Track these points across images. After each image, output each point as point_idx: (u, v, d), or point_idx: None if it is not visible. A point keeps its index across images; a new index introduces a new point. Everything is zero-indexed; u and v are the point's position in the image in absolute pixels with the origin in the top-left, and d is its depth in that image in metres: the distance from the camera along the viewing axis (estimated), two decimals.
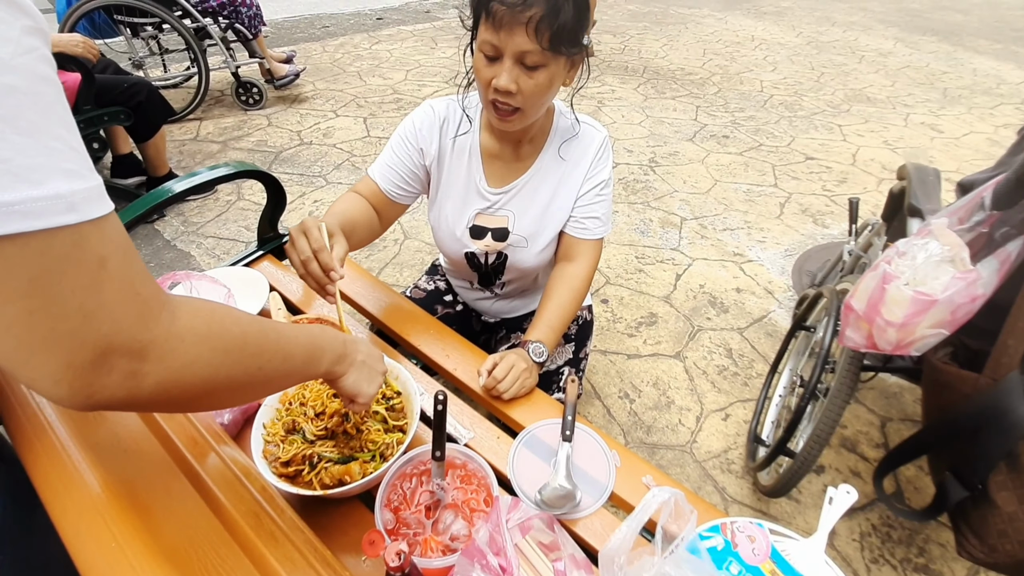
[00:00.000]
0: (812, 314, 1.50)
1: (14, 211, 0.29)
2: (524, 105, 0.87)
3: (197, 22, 3.03)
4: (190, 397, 0.42)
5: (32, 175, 0.29)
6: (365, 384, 0.69)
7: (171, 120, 3.04)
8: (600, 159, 1.04)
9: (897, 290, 0.91)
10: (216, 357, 0.43)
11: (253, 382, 0.48)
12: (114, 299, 0.35)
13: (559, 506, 0.79)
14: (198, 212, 2.48)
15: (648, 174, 3.00)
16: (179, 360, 0.39)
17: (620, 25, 5.84)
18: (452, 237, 1.10)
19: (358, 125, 3.31)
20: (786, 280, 2.29)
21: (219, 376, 0.43)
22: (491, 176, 1.05)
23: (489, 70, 0.85)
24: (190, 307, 0.41)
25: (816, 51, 5.36)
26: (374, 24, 5.35)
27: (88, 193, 0.33)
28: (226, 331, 0.44)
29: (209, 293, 0.93)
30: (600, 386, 1.77)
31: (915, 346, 0.94)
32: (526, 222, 1.06)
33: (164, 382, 0.38)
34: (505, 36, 0.80)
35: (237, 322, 0.46)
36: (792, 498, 1.48)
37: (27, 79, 0.30)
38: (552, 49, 0.82)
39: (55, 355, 0.33)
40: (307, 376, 0.59)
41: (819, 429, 1.13)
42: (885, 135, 3.63)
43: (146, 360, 0.37)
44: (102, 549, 0.36)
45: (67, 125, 0.33)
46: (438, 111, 1.05)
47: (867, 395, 1.80)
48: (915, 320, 0.89)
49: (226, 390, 0.46)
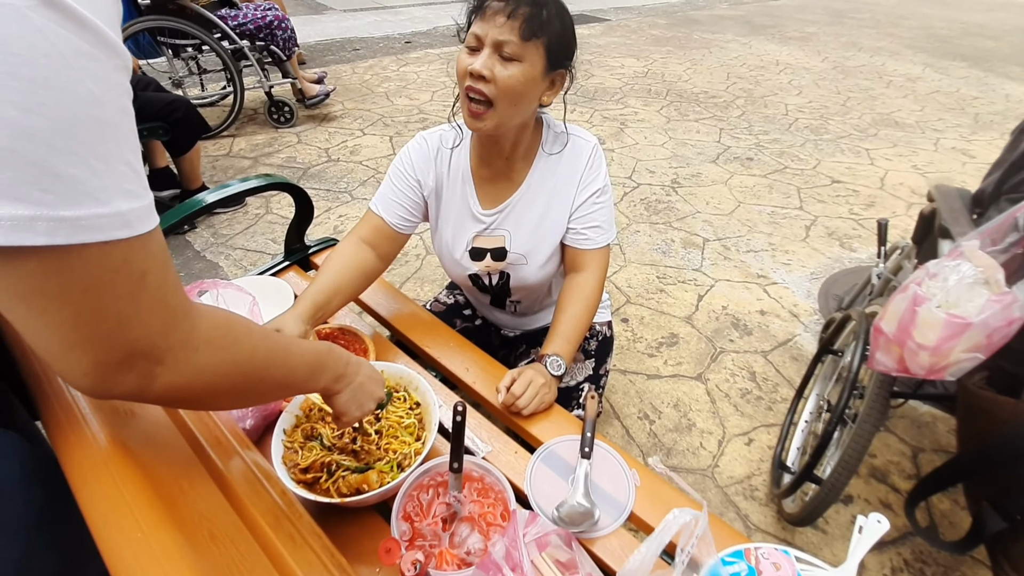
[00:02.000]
0: (840, 338, 1.46)
1: (81, 225, 0.32)
2: (495, 97, 0.87)
3: (235, 44, 3.16)
4: (194, 398, 0.46)
5: (100, 194, 0.33)
6: (354, 407, 0.72)
7: (206, 136, 3.15)
8: (592, 167, 1.04)
9: (929, 312, 0.88)
10: (224, 368, 0.46)
11: (254, 391, 0.53)
12: (147, 308, 0.38)
13: (577, 523, 0.78)
14: (227, 224, 2.55)
15: (670, 194, 3.00)
16: (190, 368, 0.43)
17: (644, 49, 5.90)
18: (453, 261, 1.12)
19: (384, 143, 3.39)
20: (812, 303, 2.24)
21: (224, 384, 0.47)
22: (484, 198, 1.06)
23: (468, 59, 0.88)
24: (211, 319, 0.45)
25: (842, 75, 5.33)
26: (402, 47, 5.50)
27: (141, 211, 0.36)
28: (239, 345, 0.48)
29: (235, 301, 0.95)
30: (619, 406, 1.75)
31: (949, 371, 0.91)
32: (522, 239, 1.06)
33: (172, 384, 0.42)
34: (488, 26, 0.85)
35: (250, 336, 0.50)
36: (819, 528, 1.43)
37: (112, 112, 0.34)
38: (530, 40, 0.85)
39: (89, 354, 0.37)
40: (306, 389, 0.64)
41: (847, 455, 1.09)
42: (914, 159, 3.57)
43: (161, 364, 0.40)
44: (127, 537, 0.37)
45: (135, 150, 0.36)
46: (431, 143, 1.07)
47: (898, 424, 1.74)
48: (949, 344, 0.87)
49: (228, 395, 0.50)
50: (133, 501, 0.40)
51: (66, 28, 0.30)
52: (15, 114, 0.29)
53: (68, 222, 0.32)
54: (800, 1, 9.51)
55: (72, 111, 0.31)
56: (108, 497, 0.41)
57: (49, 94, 0.30)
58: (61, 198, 0.31)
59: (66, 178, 0.31)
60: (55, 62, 0.30)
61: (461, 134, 1.06)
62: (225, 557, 0.40)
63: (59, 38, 0.30)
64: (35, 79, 0.29)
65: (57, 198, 0.31)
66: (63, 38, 0.30)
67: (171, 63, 3.26)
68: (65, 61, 0.30)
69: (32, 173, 0.30)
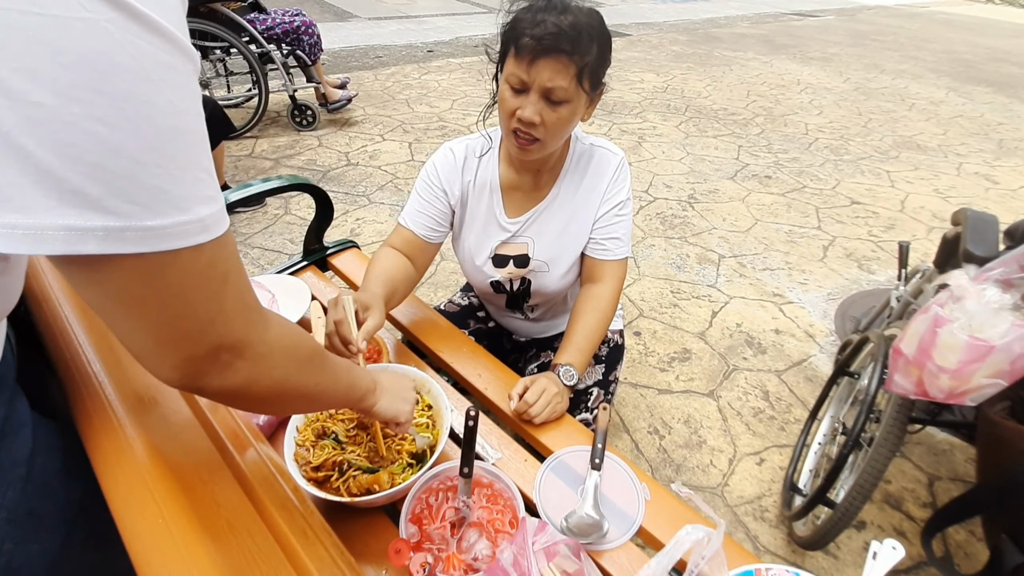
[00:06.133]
0: (856, 360, 1.44)
1: (167, 233, 0.34)
2: (545, 137, 0.90)
3: (262, 48, 3.22)
4: (265, 396, 0.48)
5: (183, 203, 0.35)
6: (401, 403, 0.73)
7: (230, 137, 3.21)
8: (617, 180, 1.05)
9: (950, 335, 0.87)
10: (292, 366, 0.49)
11: (309, 395, 0.55)
12: (231, 307, 0.41)
13: (586, 535, 0.77)
14: (247, 224, 2.59)
15: (687, 210, 2.99)
16: (266, 362, 0.45)
17: (664, 65, 5.92)
18: (476, 268, 1.13)
19: (403, 149, 3.43)
20: (828, 324, 2.22)
21: (290, 382, 0.50)
22: (510, 207, 1.08)
23: (514, 101, 0.88)
24: (278, 320, 0.48)
25: (864, 97, 5.29)
26: (425, 56, 5.57)
27: (218, 215, 0.38)
28: (303, 346, 0.51)
29: None
30: (629, 419, 1.74)
31: (970, 396, 0.89)
32: (545, 247, 1.07)
33: (250, 378, 0.44)
34: (533, 71, 0.84)
35: (306, 339, 0.53)
36: (830, 553, 1.40)
37: (189, 120, 0.35)
38: (577, 86, 0.85)
39: (180, 350, 0.39)
40: (348, 401, 0.66)
41: (863, 479, 1.07)
42: (936, 183, 3.53)
43: (243, 357, 0.43)
44: (149, 524, 0.37)
45: (208, 155, 0.38)
46: (457, 153, 1.08)
47: (913, 450, 1.71)
48: (970, 368, 0.85)
49: (291, 396, 0.52)
50: (154, 487, 0.41)
51: (144, 39, 0.31)
52: (103, 130, 0.30)
53: (155, 231, 0.33)
54: (822, 22, 9.49)
55: (155, 124, 0.32)
56: (130, 483, 0.41)
57: (133, 108, 0.31)
58: (148, 209, 0.33)
59: (151, 190, 0.33)
60: (136, 75, 0.31)
61: (490, 142, 1.08)
62: (242, 547, 0.40)
63: (139, 51, 0.31)
64: (119, 94, 0.30)
65: (144, 209, 0.33)
66: (142, 50, 0.31)
67: (199, 65, 3.33)
68: (146, 73, 0.31)
69: (120, 187, 0.31)
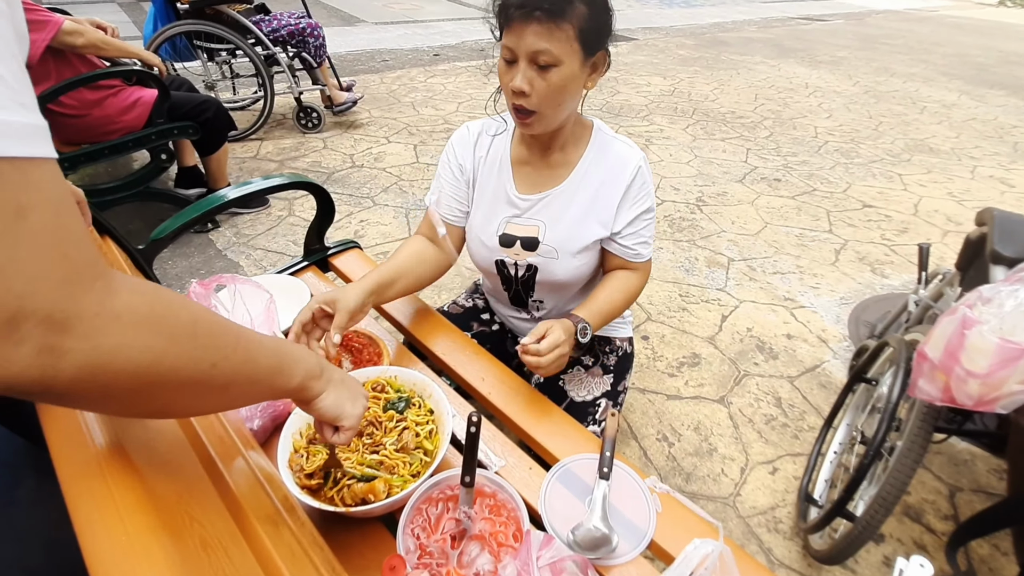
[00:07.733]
0: (874, 366, 1.39)
1: None
2: (539, 107, 0.88)
3: (268, 50, 3.21)
4: (126, 389, 0.36)
5: None
6: (348, 403, 0.61)
7: (234, 138, 3.21)
8: (642, 184, 1.03)
9: (980, 337, 0.82)
10: (158, 343, 0.36)
11: (207, 382, 0.42)
12: (32, 256, 0.30)
13: (594, 549, 0.73)
14: (250, 225, 2.57)
15: (695, 212, 2.94)
16: (111, 339, 0.33)
17: (670, 68, 5.89)
18: (482, 245, 1.11)
19: (408, 151, 3.40)
20: (841, 329, 2.16)
21: (161, 367, 0.37)
22: (520, 182, 1.06)
23: (508, 74, 0.88)
24: (133, 284, 0.36)
25: (874, 100, 5.23)
26: (431, 60, 5.57)
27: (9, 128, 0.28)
28: (173, 315, 0.38)
29: (252, 297, 0.94)
30: (637, 426, 1.69)
31: (1001, 403, 0.84)
32: (557, 233, 1.05)
33: (90, 364, 0.33)
34: (517, 38, 0.84)
35: (187, 308, 0.40)
36: (847, 568, 1.34)
37: None
38: (567, 49, 0.83)
39: None
40: (277, 388, 0.53)
41: (885, 491, 1.02)
42: (950, 187, 3.46)
43: (69, 334, 0.31)
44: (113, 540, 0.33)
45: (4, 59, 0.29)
46: (472, 130, 1.10)
47: (933, 460, 1.65)
48: (1002, 372, 0.80)
49: (173, 386, 0.39)
50: (121, 501, 0.37)
51: None
52: None
53: None
54: (830, 26, 9.44)
55: None
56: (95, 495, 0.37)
57: None
58: None
59: None
60: None
61: (505, 124, 1.09)
62: (213, 566, 0.36)
63: None
64: None
65: None
66: None
67: (205, 67, 3.34)
68: None
69: None
